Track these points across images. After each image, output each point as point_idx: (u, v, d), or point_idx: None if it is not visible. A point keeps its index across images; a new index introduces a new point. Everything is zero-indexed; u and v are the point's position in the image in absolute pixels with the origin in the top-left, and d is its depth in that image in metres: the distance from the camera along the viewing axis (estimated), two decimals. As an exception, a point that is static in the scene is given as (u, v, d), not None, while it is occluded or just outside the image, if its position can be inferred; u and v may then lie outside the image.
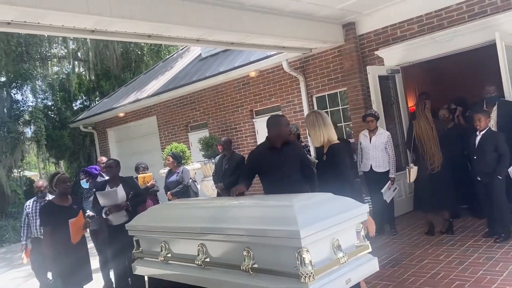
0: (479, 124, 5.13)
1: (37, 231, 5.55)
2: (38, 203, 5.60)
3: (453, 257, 4.71)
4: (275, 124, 3.97)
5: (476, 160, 5.20)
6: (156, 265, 3.60)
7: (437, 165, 5.52)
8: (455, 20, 6.57)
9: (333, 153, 3.77)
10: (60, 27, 4.92)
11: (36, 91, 17.31)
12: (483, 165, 5.10)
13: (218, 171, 6.76)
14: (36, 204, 5.65)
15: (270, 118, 4.10)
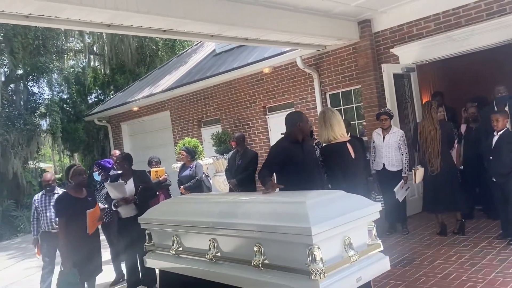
0: (497, 124, 5.06)
1: (47, 224, 5.44)
2: (47, 197, 5.51)
3: (466, 258, 4.66)
4: (299, 119, 4.01)
5: (492, 160, 5.13)
6: (168, 258, 3.64)
7: (436, 167, 5.51)
8: (473, 19, 6.47)
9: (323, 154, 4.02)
10: (77, 21, 4.97)
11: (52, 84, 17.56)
12: (499, 166, 5.04)
13: (231, 167, 6.76)
14: (45, 198, 5.52)
15: (292, 114, 4.14)
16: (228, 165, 6.95)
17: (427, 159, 5.60)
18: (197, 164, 6.99)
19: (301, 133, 4.00)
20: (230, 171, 6.77)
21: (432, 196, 5.65)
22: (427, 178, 5.67)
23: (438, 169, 5.50)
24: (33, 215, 5.59)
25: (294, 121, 3.99)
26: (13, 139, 14.07)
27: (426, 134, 5.58)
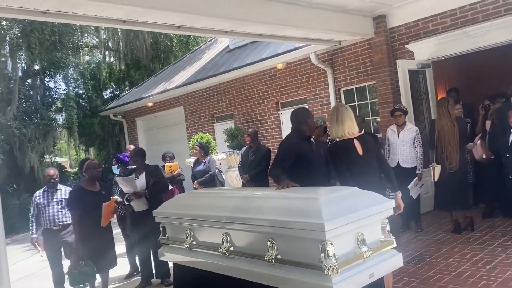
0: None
1: (48, 222, 5.22)
2: (49, 193, 5.32)
3: (480, 256, 4.62)
4: (306, 116, 4.01)
5: (509, 158, 5.06)
6: (181, 252, 3.68)
7: (455, 164, 5.43)
8: (490, 14, 6.37)
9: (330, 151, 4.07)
10: (93, 17, 5.03)
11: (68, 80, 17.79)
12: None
13: (244, 163, 6.80)
14: (47, 194, 5.32)
15: (299, 110, 4.14)
16: (241, 161, 6.98)
17: (445, 157, 5.48)
18: (210, 159, 7.04)
19: (309, 130, 4.01)
20: (243, 166, 6.81)
21: (448, 194, 5.56)
22: (443, 176, 5.55)
23: (457, 166, 5.42)
24: (33, 212, 5.35)
25: (302, 118, 3.98)
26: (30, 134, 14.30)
27: (444, 131, 5.47)
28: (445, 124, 5.48)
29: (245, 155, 6.83)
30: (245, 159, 6.77)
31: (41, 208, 5.27)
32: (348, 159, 3.82)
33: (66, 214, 5.21)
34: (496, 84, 7.95)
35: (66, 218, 5.25)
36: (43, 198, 5.30)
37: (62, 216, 5.25)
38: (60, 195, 5.33)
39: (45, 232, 5.32)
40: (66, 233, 5.24)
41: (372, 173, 3.89)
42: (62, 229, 5.24)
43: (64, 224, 5.24)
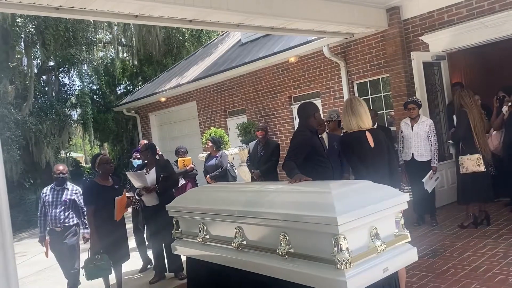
0: None
1: (52, 222, 5.07)
2: (56, 191, 5.13)
3: (497, 250, 4.55)
4: (314, 109, 4.01)
5: None
6: (194, 245, 3.70)
7: (488, 153, 5.42)
8: (507, 4, 6.22)
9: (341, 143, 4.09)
10: (105, 12, 5.05)
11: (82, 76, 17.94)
12: None
13: (253, 158, 6.76)
14: (54, 193, 5.13)
15: (306, 105, 4.14)
16: (250, 156, 6.93)
17: (480, 147, 5.35)
18: (222, 154, 7.04)
19: (317, 124, 4.05)
20: (253, 162, 6.78)
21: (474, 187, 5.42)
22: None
23: (489, 155, 5.46)
24: (41, 210, 5.18)
25: (310, 112, 4.00)
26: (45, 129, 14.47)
27: (477, 123, 5.36)
28: (477, 115, 5.38)
29: (254, 150, 6.80)
30: (255, 154, 6.73)
31: (47, 206, 5.11)
32: (360, 151, 3.80)
33: (69, 215, 5.10)
34: None
35: (69, 220, 5.11)
36: (51, 196, 5.12)
37: (64, 218, 5.08)
38: (66, 195, 5.14)
39: (50, 232, 5.17)
40: (68, 235, 5.08)
41: (383, 166, 3.87)
42: (64, 231, 5.08)
43: (67, 225, 5.08)
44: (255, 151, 6.74)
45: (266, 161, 6.48)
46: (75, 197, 5.17)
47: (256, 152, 6.72)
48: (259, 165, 6.53)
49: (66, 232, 5.08)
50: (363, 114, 3.81)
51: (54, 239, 5.11)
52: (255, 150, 6.75)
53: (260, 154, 6.61)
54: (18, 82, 14.32)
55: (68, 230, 5.09)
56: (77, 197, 5.19)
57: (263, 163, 6.48)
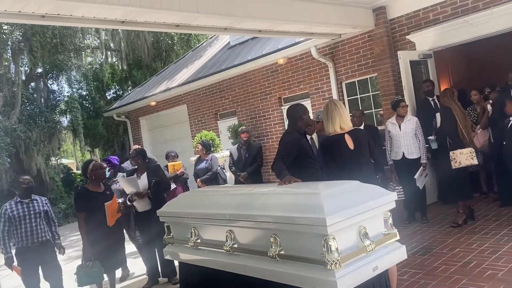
0: None
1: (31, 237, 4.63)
2: (24, 204, 4.71)
3: (486, 246, 4.61)
4: (303, 112, 4.05)
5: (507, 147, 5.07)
6: (186, 250, 3.70)
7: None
8: (491, 2, 6.31)
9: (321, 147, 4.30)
10: (92, 19, 5.04)
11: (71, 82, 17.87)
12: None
13: (238, 161, 6.81)
14: (24, 205, 4.70)
15: (295, 107, 4.17)
16: (233, 160, 6.95)
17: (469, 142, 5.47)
18: (212, 157, 7.05)
19: (305, 126, 4.09)
20: (237, 165, 6.81)
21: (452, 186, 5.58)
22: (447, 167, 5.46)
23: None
24: (3, 228, 4.60)
25: (298, 114, 4.03)
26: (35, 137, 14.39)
27: (461, 120, 5.49)
28: (460, 113, 5.51)
29: (238, 153, 6.86)
30: (239, 158, 6.80)
31: (17, 222, 4.61)
32: (338, 154, 3.90)
33: (45, 228, 4.79)
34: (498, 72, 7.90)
35: (46, 234, 4.78)
36: (21, 211, 4.66)
37: (41, 232, 4.73)
38: (39, 206, 4.81)
39: (20, 252, 4.65)
40: (45, 250, 4.76)
41: (366, 167, 3.95)
42: (40, 246, 4.72)
43: (44, 240, 4.75)
44: (239, 155, 6.79)
45: (252, 163, 6.58)
46: (46, 207, 4.92)
47: (240, 155, 6.78)
48: (245, 167, 6.60)
49: (42, 247, 4.73)
50: (337, 117, 3.95)
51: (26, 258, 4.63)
52: (239, 154, 6.80)
53: (244, 156, 6.68)
54: (6, 89, 14.21)
55: (45, 245, 4.78)
56: (48, 207, 4.95)
57: (249, 165, 6.57)
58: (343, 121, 3.98)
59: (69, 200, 14.67)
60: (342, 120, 3.97)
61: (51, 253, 4.87)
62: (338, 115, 3.96)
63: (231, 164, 7.06)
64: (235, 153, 6.91)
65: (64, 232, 11.80)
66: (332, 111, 3.98)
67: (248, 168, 6.55)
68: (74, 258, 7.59)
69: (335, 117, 3.96)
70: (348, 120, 4.06)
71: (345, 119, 4.02)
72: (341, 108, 4.01)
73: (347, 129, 3.99)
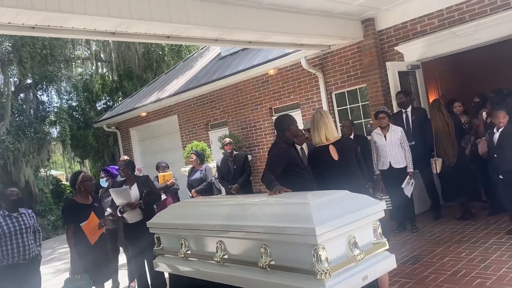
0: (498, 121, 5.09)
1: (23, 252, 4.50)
2: (12, 219, 4.56)
3: (475, 254, 4.64)
4: (290, 122, 4.08)
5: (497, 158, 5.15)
6: (177, 261, 3.68)
7: (452, 159, 5.95)
8: (476, 14, 6.45)
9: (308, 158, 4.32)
10: (82, 30, 5.05)
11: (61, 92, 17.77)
12: (505, 163, 5.04)
13: (227, 174, 6.76)
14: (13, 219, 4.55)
15: (282, 117, 4.22)
16: (221, 172, 6.90)
17: (443, 152, 6.01)
18: (206, 167, 7.04)
19: (293, 136, 4.10)
20: (226, 177, 6.76)
21: (453, 186, 6.11)
22: (445, 169, 6.04)
23: (454, 160, 5.95)
24: None
25: (286, 125, 4.06)
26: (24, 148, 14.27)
27: (440, 130, 6.00)
28: (440, 122, 6.00)
29: (224, 166, 6.81)
30: (227, 170, 6.74)
31: (6, 238, 4.44)
32: (323, 165, 3.95)
33: (34, 243, 4.70)
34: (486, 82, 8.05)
35: (34, 249, 4.68)
36: (11, 225, 4.51)
37: (31, 246, 4.63)
38: (28, 219, 4.70)
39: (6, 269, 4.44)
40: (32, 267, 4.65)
41: (352, 176, 4.00)
42: (30, 262, 4.62)
43: (33, 256, 4.65)
44: (227, 167, 6.74)
45: (241, 173, 6.54)
46: (33, 220, 4.81)
47: (227, 167, 6.73)
48: (235, 179, 6.55)
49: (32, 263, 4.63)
50: (322, 128, 4.04)
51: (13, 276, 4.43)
52: (226, 166, 6.75)
53: (233, 168, 6.63)
54: (-5, 100, 14.13)
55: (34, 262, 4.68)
56: (34, 220, 4.85)
57: (239, 176, 6.53)
58: (329, 132, 4.05)
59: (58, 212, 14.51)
60: (327, 131, 4.05)
61: (36, 270, 4.76)
62: (324, 125, 4.04)
63: (219, 177, 7.02)
64: (223, 166, 6.88)
65: (53, 244, 11.68)
66: (318, 121, 4.05)
67: (238, 179, 6.51)
68: (63, 271, 7.50)
69: (321, 127, 4.04)
70: (334, 130, 4.13)
71: (331, 129, 4.09)
72: (327, 118, 4.08)
73: (333, 140, 4.06)
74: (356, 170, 4.11)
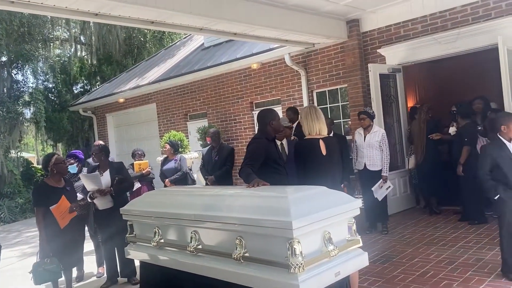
0: None
1: None
2: None
3: (444, 257, 4.76)
4: (271, 117, 4.07)
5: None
6: (149, 250, 3.64)
7: (419, 158, 6.88)
8: (459, 22, 6.57)
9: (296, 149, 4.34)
10: (64, 9, 4.91)
11: (37, 73, 17.27)
12: None
13: (207, 164, 6.66)
14: None
15: (264, 112, 4.21)
16: (203, 162, 6.82)
17: (415, 152, 6.99)
18: (181, 157, 6.96)
19: (273, 131, 4.09)
20: (206, 167, 6.68)
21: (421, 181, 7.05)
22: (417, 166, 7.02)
23: (421, 160, 6.84)
24: None
25: (267, 120, 4.06)
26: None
27: (415, 132, 6.92)
28: (416, 128, 6.92)
29: (207, 155, 6.70)
30: (208, 160, 6.62)
31: None
32: (312, 158, 3.98)
33: None
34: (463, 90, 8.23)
35: None
36: None
37: None
38: None
39: None
40: None
41: (336, 173, 4.06)
42: None
43: None
44: (209, 157, 6.64)
45: (220, 166, 6.41)
46: None
47: (210, 157, 6.63)
48: (214, 171, 6.44)
49: None
50: (321, 121, 4.06)
51: None
52: (209, 156, 6.65)
53: (214, 159, 6.53)
54: (-33, 77, 13.63)
55: None
56: None
57: (218, 168, 6.41)
58: (323, 126, 4.14)
59: (27, 195, 14.14)
60: (323, 125, 4.13)
61: None
62: (319, 118, 4.11)
63: (201, 166, 6.93)
64: (206, 154, 6.77)
65: (20, 228, 11.39)
66: (313, 114, 4.13)
67: (216, 171, 6.41)
68: (29, 254, 7.33)
69: (315, 120, 4.10)
70: (325, 126, 4.19)
71: (325, 125, 4.18)
72: (320, 114, 4.17)
73: (323, 135, 4.10)
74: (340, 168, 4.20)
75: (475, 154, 5.74)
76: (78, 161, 6.06)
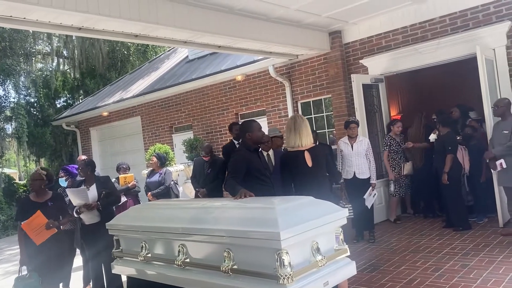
0: None
1: None
2: None
3: (430, 263, 4.80)
4: (248, 129, 4.08)
5: None
6: (136, 264, 3.60)
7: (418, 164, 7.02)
8: (438, 33, 6.73)
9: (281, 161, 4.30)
10: (47, 23, 4.89)
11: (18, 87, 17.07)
12: None
13: (199, 176, 6.59)
14: None
15: (243, 124, 4.23)
16: (194, 173, 6.73)
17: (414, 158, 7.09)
18: (166, 170, 6.91)
19: (252, 142, 4.07)
20: (197, 179, 6.61)
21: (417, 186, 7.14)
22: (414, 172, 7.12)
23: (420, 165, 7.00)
24: None
25: (243, 131, 4.08)
26: (-25, 143, 13.58)
27: (415, 139, 7.00)
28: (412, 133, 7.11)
29: (199, 167, 6.61)
30: (200, 172, 6.54)
31: None
32: (297, 170, 3.97)
33: None
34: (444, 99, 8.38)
35: None
36: None
37: None
38: None
39: None
40: None
41: (322, 184, 4.06)
42: None
43: None
44: (201, 169, 6.57)
45: (213, 179, 6.35)
46: None
47: (202, 169, 6.56)
48: (206, 183, 6.38)
49: None
50: (304, 132, 4.03)
51: None
52: (201, 168, 6.58)
53: (207, 171, 6.47)
54: None
55: None
56: None
57: (211, 181, 6.35)
58: (308, 137, 4.10)
59: (10, 212, 13.86)
60: (307, 136, 4.09)
61: None
62: (305, 129, 4.08)
63: (192, 177, 6.84)
64: (198, 166, 6.68)
65: (2, 245, 11.13)
66: (300, 125, 4.07)
67: (209, 184, 6.33)
68: (12, 273, 7.16)
69: (302, 131, 4.05)
70: (311, 136, 4.16)
71: (310, 135, 4.15)
72: (307, 124, 4.14)
73: (309, 146, 4.08)
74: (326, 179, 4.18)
75: (456, 162, 6.07)
76: (68, 175, 6.00)
